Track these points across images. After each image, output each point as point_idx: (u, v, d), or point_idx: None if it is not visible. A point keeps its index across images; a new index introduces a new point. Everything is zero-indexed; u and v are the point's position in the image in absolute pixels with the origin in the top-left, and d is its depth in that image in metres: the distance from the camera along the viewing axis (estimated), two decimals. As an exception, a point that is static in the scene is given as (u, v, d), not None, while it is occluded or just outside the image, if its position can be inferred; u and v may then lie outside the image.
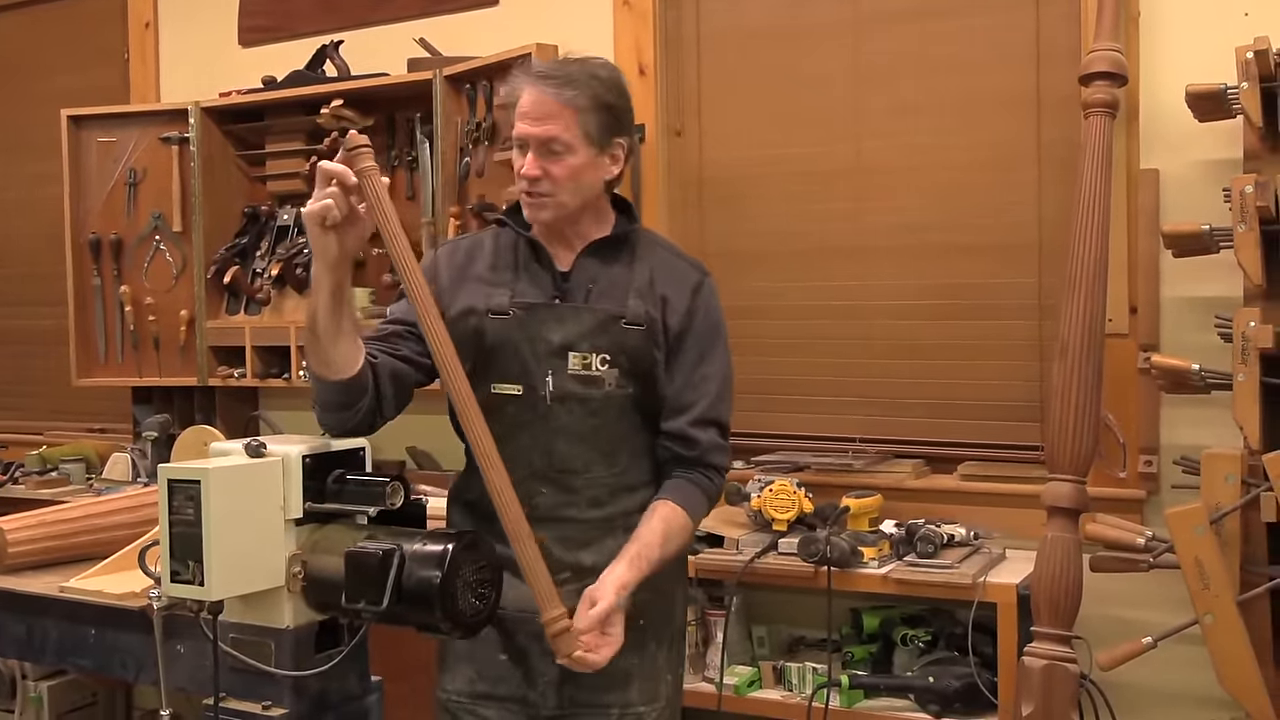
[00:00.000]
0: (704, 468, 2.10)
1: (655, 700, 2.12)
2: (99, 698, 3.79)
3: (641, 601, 2.06)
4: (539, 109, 1.99)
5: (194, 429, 2.75)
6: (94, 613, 2.29)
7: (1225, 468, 2.41)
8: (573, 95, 1.99)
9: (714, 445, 2.11)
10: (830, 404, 3.21)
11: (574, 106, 1.99)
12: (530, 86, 2.00)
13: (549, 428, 2.04)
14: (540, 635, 2.02)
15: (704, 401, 2.09)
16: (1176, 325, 2.77)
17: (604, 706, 2.07)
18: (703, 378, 2.10)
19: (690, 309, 2.10)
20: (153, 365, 3.92)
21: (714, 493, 2.14)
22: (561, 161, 2.00)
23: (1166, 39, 2.76)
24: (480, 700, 2.11)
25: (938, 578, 2.67)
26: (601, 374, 2.03)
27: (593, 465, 2.05)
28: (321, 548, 1.91)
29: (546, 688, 2.07)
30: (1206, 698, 2.61)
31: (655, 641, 2.13)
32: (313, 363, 1.95)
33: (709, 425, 2.10)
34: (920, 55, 3.07)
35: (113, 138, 3.92)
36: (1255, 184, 2.43)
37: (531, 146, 2.00)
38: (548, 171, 2.01)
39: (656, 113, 3.35)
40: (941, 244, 3.05)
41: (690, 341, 2.10)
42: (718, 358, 2.13)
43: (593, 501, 2.06)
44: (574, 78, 2.00)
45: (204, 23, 4.13)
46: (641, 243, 2.14)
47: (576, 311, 2.05)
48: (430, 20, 3.67)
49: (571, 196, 2.04)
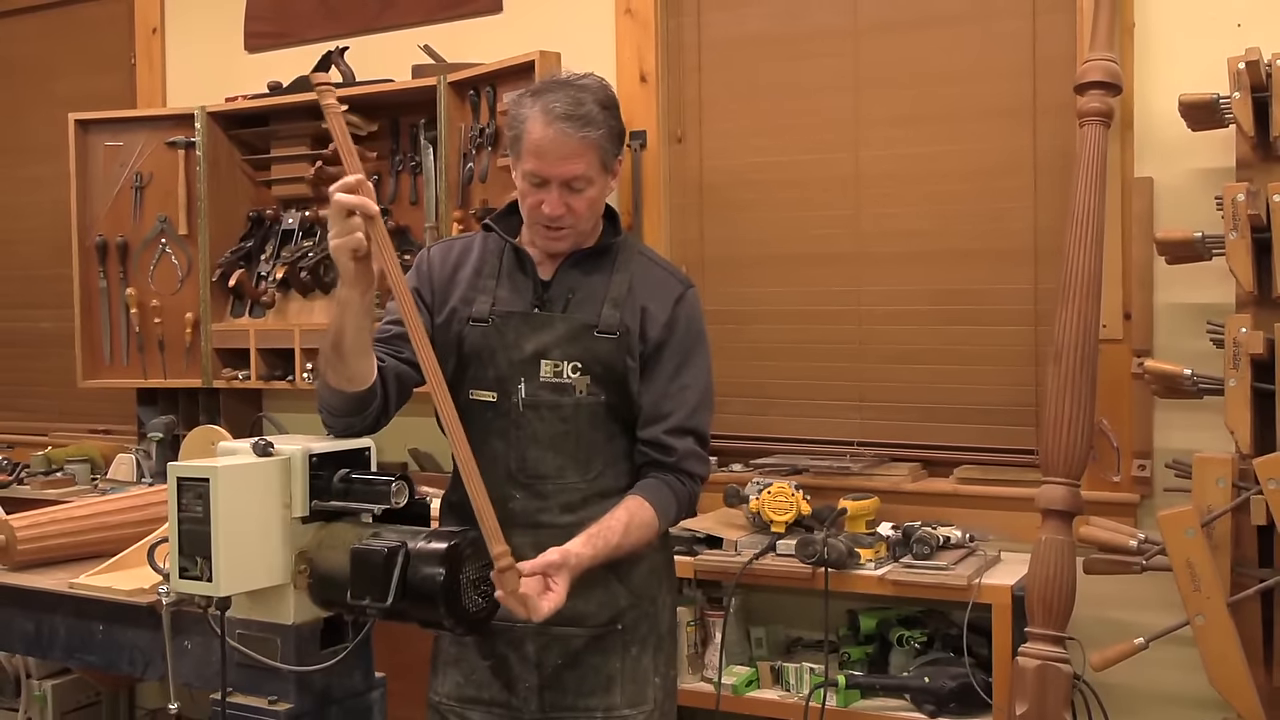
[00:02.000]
0: (679, 473, 2.10)
1: (642, 703, 2.13)
2: (103, 697, 3.81)
3: (619, 608, 2.09)
4: (560, 149, 1.98)
5: (202, 428, 2.77)
6: (102, 609, 2.32)
7: (1216, 471, 2.44)
8: (594, 135, 2.00)
9: (690, 453, 2.10)
10: (828, 408, 3.23)
11: (595, 145, 2.00)
12: (547, 125, 1.98)
13: (522, 434, 2.07)
14: (518, 643, 2.07)
15: (682, 411, 2.09)
16: (1169, 331, 2.80)
17: (587, 710, 2.09)
18: (681, 387, 2.10)
19: (670, 320, 2.11)
20: (158, 367, 3.94)
21: (686, 498, 2.12)
22: (583, 196, 2.03)
23: (1160, 49, 2.79)
24: (467, 704, 2.14)
25: (933, 579, 2.69)
26: (573, 381, 2.05)
27: (565, 471, 2.07)
28: (327, 545, 1.94)
29: (528, 693, 2.10)
30: (1198, 698, 2.63)
31: (638, 645, 2.14)
32: (331, 377, 1.98)
33: (686, 434, 2.10)
34: (918, 65, 3.10)
35: (119, 142, 3.95)
36: (1247, 192, 2.46)
37: (554, 185, 2.01)
38: (570, 207, 2.02)
39: (658, 120, 3.38)
40: (938, 250, 3.09)
41: (669, 352, 2.10)
42: (697, 368, 2.13)
43: (565, 507, 2.07)
44: (592, 117, 2.00)
45: (210, 28, 4.16)
46: (624, 252, 2.15)
47: (550, 320, 2.07)
48: (434, 27, 3.69)
49: (588, 223, 2.09)
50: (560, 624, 2.00)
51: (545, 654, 2.09)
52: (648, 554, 2.16)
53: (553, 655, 2.08)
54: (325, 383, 2.00)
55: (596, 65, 3.37)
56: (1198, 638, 2.38)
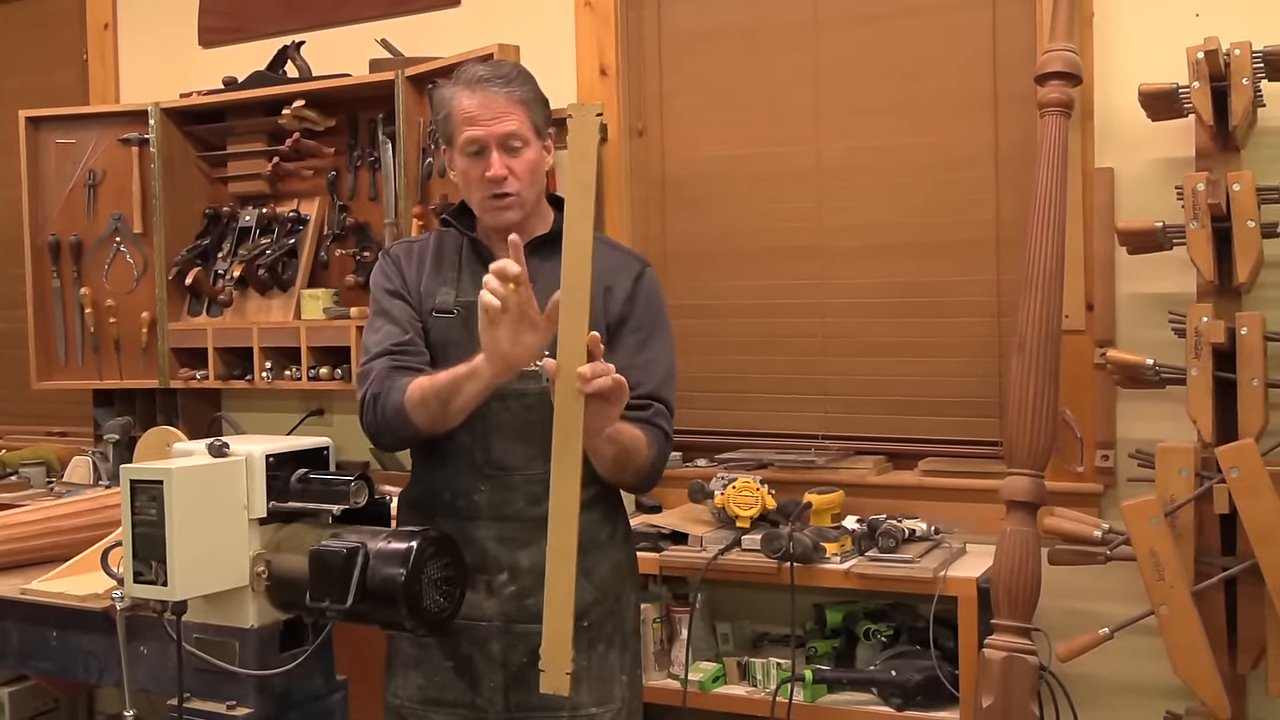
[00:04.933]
0: (654, 426, 2.07)
1: (609, 702, 2.12)
2: (60, 703, 3.75)
3: (584, 604, 2.06)
4: (491, 108, 2.02)
5: (156, 430, 2.74)
6: (56, 615, 2.29)
7: (1179, 461, 2.45)
8: (519, 91, 2.05)
9: (661, 414, 2.09)
10: (792, 401, 3.23)
11: (522, 101, 2.05)
12: (471, 91, 2.03)
13: (487, 425, 2.05)
14: (483, 642, 2.05)
15: (650, 383, 2.08)
16: (1131, 321, 2.81)
17: (553, 710, 2.06)
18: (648, 361, 2.09)
19: (631, 295, 2.11)
20: (114, 368, 3.89)
21: (663, 444, 2.08)
22: (521, 157, 2.05)
23: (1119, 40, 2.80)
24: (430, 706, 2.11)
25: (899, 572, 2.69)
26: (539, 368, 2.04)
27: (532, 462, 2.04)
28: (286, 547, 1.91)
29: (493, 693, 2.08)
30: (1163, 687, 2.65)
31: (605, 643, 2.13)
32: (423, 422, 1.96)
33: (656, 401, 2.09)
34: (879, 57, 3.10)
35: (72, 139, 3.89)
36: (1206, 182, 2.48)
37: (493, 146, 2.02)
38: (512, 169, 2.04)
39: (619, 113, 3.36)
40: (901, 243, 3.08)
41: (632, 326, 2.10)
42: (662, 344, 2.13)
43: (531, 499, 2.04)
44: (512, 75, 2.07)
45: (163, 23, 4.11)
46: None
47: None
48: (392, 21, 3.66)
49: (531, 191, 2.08)
50: (525, 621, 1.99)
51: (510, 652, 2.06)
52: (612, 550, 2.15)
53: (518, 653, 2.06)
54: (408, 421, 1.98)
55: (556, 58, 3.39)
56: (1162, 627, 2.39)
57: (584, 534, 2.09)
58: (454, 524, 2.03)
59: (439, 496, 2.10)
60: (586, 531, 2.10)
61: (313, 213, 3.68)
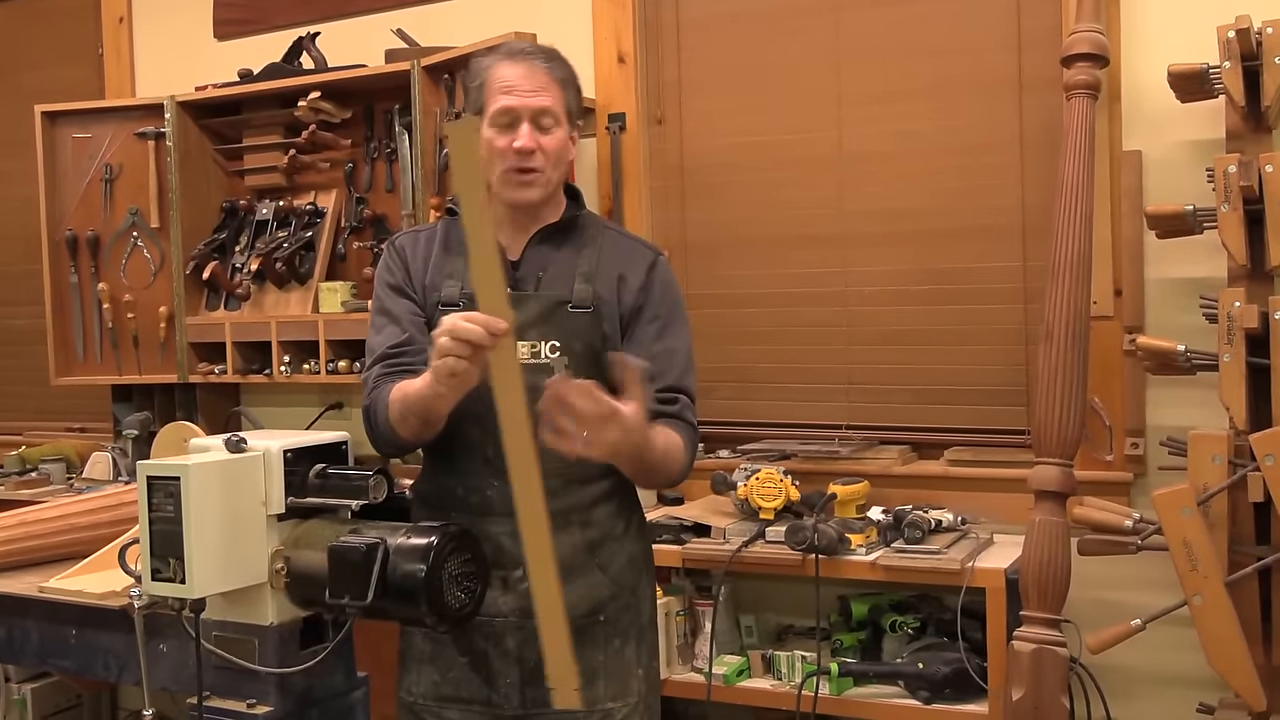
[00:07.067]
0: (683, 420, 2.06)
1: (626, 696, 2.10)
2: (84, 699, 3.76)
3: (601, 599, 2.05)
4: (531, 81, 2.00)
5: (173, 425, 2.72)
6: (74, 613, 2.27)
7: (1212, 448, 2.41)
8: (559, 71, 2.04)
9: (688, 407, 2.08)
10: (816, 391, 3.19)
11: (560, 82, 2.04)
12: (514, 62, 2.02)
13: (498, 420, 2.02)
14: (498, 638, 2.02)
15: (672, 374, 2.06)
16: (1161, 307, 2.76)
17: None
18: (667, 350, 2.07)
19: (646, 284, 2.09)
20: (132, 363, 3.88)
21: (692, 440, 2.07)
22: (551, 135, 2.02)
23: (1147, 19, 2.75)
24: (445, 703, 2.09)
25: (925, 564, 2.66)
26: (550, 361, 2.01)
27: (545, 457, 2.03)
28: (304, 543, 1.90)
29: (509, 689, 2.05)
30: (1196, 679, 2.61)
31: (620, 638, 2.10)
32: (407, 434, 1.95)
33: (679, 393, 2.07)
34: (901, 40, 3.05)
35: (88, 134, 3.88)
36: (1238, 164, 2.43)
37: (525, 118, 2.00)
38: (540, 145, 2.01)
39: (637, 101, 3.33)
40: (925, 229, 3.04)
41: (649, 315, 2.08)
42: (679, 333, 2.12)
43: (545, 492, 2.03)
44: (554, 55, 2.06)
45: (178, 17, 4.10)
46: (590, 227, 2.14)
47: (523, 299, 2.03)
48: (407, 11, 3.64)
49: (555, 173, 2.06)
50: None
51: (526, 648, 2.03)
52: (627, 543, 2.13)
53: (534, 649, 2.02)
54: (395, 432, 1.96)
55: (573, 46, 3.32)
56: (1195, 618, 2.35)
57: (600, 527, 2.08)
58: (467, 519, 2.01)
59: (451, 492, 2.07)
60: (602, 524, 2.09)
61: (330, 205, 3.66)
